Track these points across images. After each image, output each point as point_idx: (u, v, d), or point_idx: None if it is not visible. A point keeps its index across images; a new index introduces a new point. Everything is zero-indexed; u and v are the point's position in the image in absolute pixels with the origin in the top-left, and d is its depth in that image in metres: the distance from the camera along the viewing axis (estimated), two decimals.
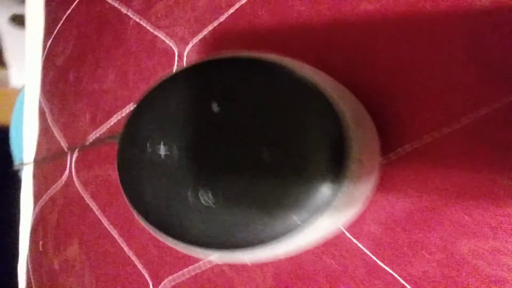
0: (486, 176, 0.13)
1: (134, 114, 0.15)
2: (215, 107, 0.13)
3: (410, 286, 0.14)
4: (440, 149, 0.14)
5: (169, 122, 0.14)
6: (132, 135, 0.15)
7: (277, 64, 0.13)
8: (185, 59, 0.21)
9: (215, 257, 0.14)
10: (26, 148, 0.31)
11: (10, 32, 0.81)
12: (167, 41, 0.22)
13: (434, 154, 0.14)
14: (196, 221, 0.13)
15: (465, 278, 0.13)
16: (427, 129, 0.14)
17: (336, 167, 0.11)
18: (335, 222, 0.13)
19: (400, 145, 0.14)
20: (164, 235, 0.14)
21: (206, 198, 0.13)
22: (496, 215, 0.13)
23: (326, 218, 0.12)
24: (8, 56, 0.83)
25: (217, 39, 0.20)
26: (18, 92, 0.75)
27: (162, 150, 0.14)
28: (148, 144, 0.14)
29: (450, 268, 0.13)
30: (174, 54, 0.22)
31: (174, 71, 0.20)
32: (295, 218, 0.12)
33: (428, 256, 0.13)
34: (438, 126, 0.14)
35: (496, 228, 0.12)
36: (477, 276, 0.13)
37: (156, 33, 0.23)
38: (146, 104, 0.15)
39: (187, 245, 0.13)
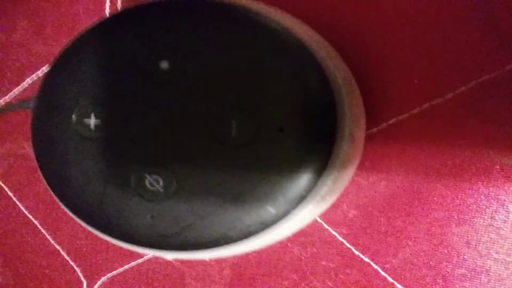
0: (478, 153, 0.12)
1: (53, 72, 0.12)
2: (163, 64, 0.10)
3: (390, 277, 0.13)
4: (427, 123, 0.12)
5: (101, 85, 0.11)
6: (51, 101, 0.12)
7: (246, 8, 0.10)
8: (119, 2, 0.17)
9: (165, 256, 0.11)
10: None
11: None
12: None
13: (421, 128, 0.12)
14: (142, 215, 0.11)
15: (451, 269, 0.12)
16: (417, 99, 0.12)
17: (326, 144, 0.09)
18: (317, 211, 0.11)
19: (385, 119, 0.13)
20: (98, 231, 0.11)
21: (155, 185, 0.10)
22: (489, 198, 0.12)
23: (308, 208, 0.10)
24: None
25: None
26: None
27: (93, 121, 0.11)
28: (73, 112, 0.11)
29: (436, 258, 0.12)
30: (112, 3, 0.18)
31: (105, 17, 0.17)
32: (271, 210, 0.10)
33: (412, 244, 0.12)
34: (430, 97, 0.12)
35: (490, 214, 0.11)
36: (465, 267, 0.12)
37: None
38: (69, 60, 0.12)
39: (130, 245, 0.11)
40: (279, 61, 0.10)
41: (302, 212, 0.10)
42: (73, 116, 0.11)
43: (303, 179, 0.09)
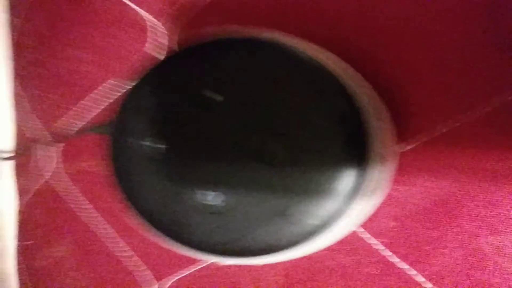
0: (507, 165, 0.13)
1: (126, 103, 0.14)
2: (217, 96, 0.13)
3: (429, 283, 0.14)
4: (458, 139, 0.14)
5: (166, 112, 0.14)
6: (125, 127, 0.14)
7: (285, 45, 0.12)
8: (176, 39, 0.20)
9: (223, 262, 0.13)
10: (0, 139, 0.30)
11: None
12: (151, 19, 0.21)
13: (452, 144, 0.14)
14: (201, 224, 0.13)
15: (487, 277, 0.13)
16: (443, 117, 0.14)
17: (357, 163, 0.11)
18: (355, 223, 0.13)
19: (415, 135, 0.14)
20: (164, 238, 0.13)
21: (211, 199, 0.13)
22: None
23: (345, 220, 0.12)
24: None
25: (209, 17, 0.19)
26: None
27: (159, 143, 0.13)
28: (144, 138, 0.14)
29: (471, 265, 0.13)
30: (161, 33, 0.21)
31: (165, 53, 0.20)
32: (313, 223, 0.11)
33: (448, 253, 0.14)
34: (455, 114, 0.13)
35: None
36: (500, 274, 0.13)
37: (138, 9, 0.21)
38: (138, 92, 0.14)
39: (193, 251, 0.13)
40: (313, 92, 0.12)
41: (340, 224, 0.11)
42: (145, 141, 0.14)
43: (340, 196, 0.11)
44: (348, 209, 0.11)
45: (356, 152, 0.11)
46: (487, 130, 0.13)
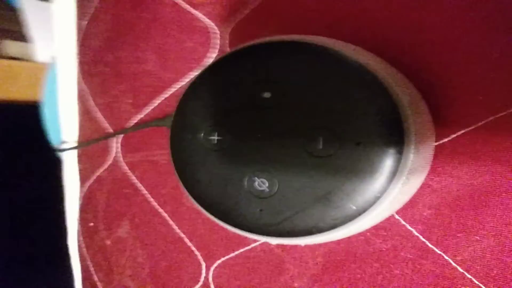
0: None
1: (184, 99, 0.16)
2: (266, 93, 0.14)
3: (462, 268, 0.15)
4: (494, 131, 0.14)
5: (220, 108, 0.15)
6: (184, 121, 0.16)
7: (328, 48, 0.13)
8: (227, 39, 0.22)
9: (270, 241, 0.15)
10: (65, 129, 0.33)
11: (33, 5, 0.84)
12: (205, 20, 0.23)
13: (488, 137, 0.15)
14: (252, 208, 0.14)
15: None
16: (480, 111, 0.15)
17: (394, 155, 0.12)
18: (391, 209, 0.14)
19: (454, 130, 0.15)
20: (219, 221, 0.15)
21: (262, 186, 0.14)
22: None
23: (383, 206, 0.13)
24: (32, 30, 0.86)
25: (259, 18, 0.21)
26: (44, 67, 0.78)
27: (215, 136, 0.15)
28: (201, 131, 0.16)
29: (503, 253, 0.14)
30: (213, 33, 0.23)
31: (217, 52, 0.21)
32: (353, 207, 0.13)
33: (480, 240, 0.15)
34: (492, 107, 0.14)
35: None
36: None
37: (194, 11, 0.24)
38: (195, 89, 0.16)
39: (244, 232, 0.15)
40: (354, 90, 0.13)
41: (377, 209, 0.13)
42: (201, 134, 0.16)
43: (377, 183, 0.12)
44: (385, 195, 0.13)
45: (395, 143, 0.12)
46: None
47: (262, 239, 0.15)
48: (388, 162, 0.12)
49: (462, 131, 0.15)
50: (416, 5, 0.16)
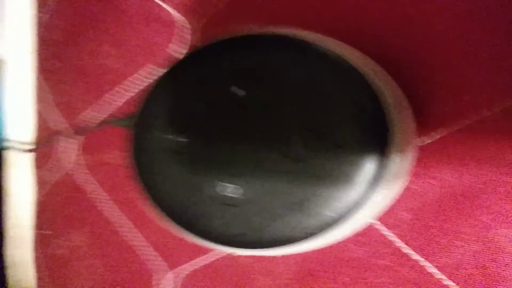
0: None
1: (149, 98, 0.15)
2: (239, 91, 0.13)
3: (443, 275, 0.14)
4: (477, 133, 0.14)
5: (188, 107, 0.14)
6: (148, 121, 0.15)
7: (310, 43, 0.12)
8: (199, 34, 0.21)
9: (239, 253, 0.14)
10: (16, 128, 0.31)
11: None
12: (175, 14, 0.22)
13: (471, 138, 0.14)
14: (219, 216, 0.13)
15: (502, 269, 0.13)
16: (464, 112, 0.14)
17: (376, 155, 0.11)
18: (370, 215, 0.13)
19: (435, 128, 0.14)
20: (181, 229, 0.14)
21: (230, 191, 0.13)
22: None
23: (362, 212, 0.12)
24: None
25: (234, 12, 0.20)
26: None
27: (181, 137, 0.14)
28: (167, 131, 0.14)
29: (487, 259, 0.13)
30: (184, 28, 0.21)
31: (188, 48, 0.20)
32: (329, 214, 0.12)
33: (462, 245, 0.14)
34: (478, 108, 0.14)
35: None
36: None
37: (162, 4, 0.22)
38: (161, 87, 0.15)
39: (210, 242, 0.13)
40: (336, 88, 0.12)
41: (357, 216, 0.12)
42: (167, 135, 0.14)
43: (358, 188, 0.11)
44: (365, 201, 0.12)
45: (376, 145, 0.11)
46: (507, 124, 0.13)
47: (231, 250, 0.13)
48: (370, 166, 0.11)
49: (445, 132, 0.14)
50: (401, 2, 0.15)
